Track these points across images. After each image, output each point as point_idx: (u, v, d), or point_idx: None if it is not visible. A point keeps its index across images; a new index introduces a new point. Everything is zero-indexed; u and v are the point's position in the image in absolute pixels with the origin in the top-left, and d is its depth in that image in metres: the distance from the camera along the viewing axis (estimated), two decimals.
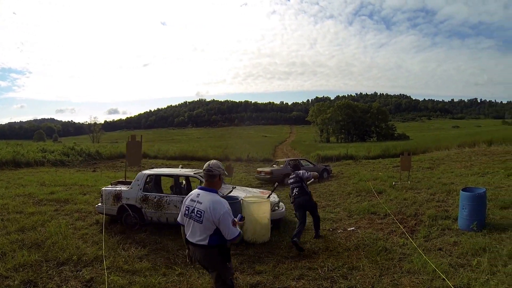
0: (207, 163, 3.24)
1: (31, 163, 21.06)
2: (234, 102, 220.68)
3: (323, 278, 4.79)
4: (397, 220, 7.34)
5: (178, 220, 3.33)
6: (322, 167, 16.65)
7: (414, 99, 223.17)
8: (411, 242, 5.84)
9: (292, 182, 6.76)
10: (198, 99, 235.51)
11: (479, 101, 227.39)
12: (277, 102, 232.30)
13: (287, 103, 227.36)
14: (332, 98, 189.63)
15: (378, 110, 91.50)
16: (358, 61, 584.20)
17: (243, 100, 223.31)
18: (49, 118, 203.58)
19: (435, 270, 4.59)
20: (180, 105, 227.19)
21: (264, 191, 8.69)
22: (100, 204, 7.63)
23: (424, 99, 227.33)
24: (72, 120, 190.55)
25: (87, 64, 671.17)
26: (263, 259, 5.67)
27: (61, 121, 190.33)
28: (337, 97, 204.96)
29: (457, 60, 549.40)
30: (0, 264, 4.99)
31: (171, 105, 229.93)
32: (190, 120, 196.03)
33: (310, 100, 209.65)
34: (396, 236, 6.44)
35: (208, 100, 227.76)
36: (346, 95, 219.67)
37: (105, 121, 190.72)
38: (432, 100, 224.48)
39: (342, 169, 19.37)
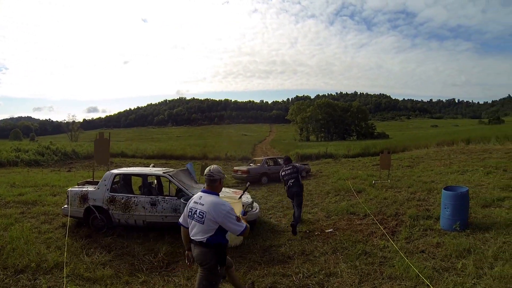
0: (207, 168, 3.43)
1: (3, 163, 20.70)
2: (214, 100, 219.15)
3: (298, 286, 4.44)
4: (377, 220, 7.01)
5: (180, 221, 3.46)
6: (301, 167, 16.24)
7: (393, 98, 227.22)
8: (392, 245, 5.50)
9: (289, 173, 7.22)
10: (178, 98, 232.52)
11: (456, 101, 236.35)
12: (257, 100, 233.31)
13: (267, 102, 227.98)
14: (312, 97, 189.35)
15: (358, 109, 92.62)
16: (338, 60, 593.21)
17: (223, 99, 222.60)
18: (26, 116, 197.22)
19: (418, 275, 4.28)
20: (160, 103, 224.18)
21: (237, 191, 8.22)
22: (66, 206, 7.19)
23: (404, 98, 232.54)
24: (50, 119, 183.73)
25: (66, 61, 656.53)
26: (234, 264, 5.19)
27: (38, 119, 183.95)
28: (317, 96, 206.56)
29: (436, 61, 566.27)
30: None
31: (151, 103, 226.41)
32: (170, 119, 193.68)
33: (290, 99, 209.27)
34: (376, 238, 6.10)
35: (188, 98, 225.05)
36: (326, 94, 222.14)
37: (84, 119, 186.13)
38: (411, 100, 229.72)
39: (321, 167, 19.14)
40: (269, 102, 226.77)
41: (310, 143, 62.97)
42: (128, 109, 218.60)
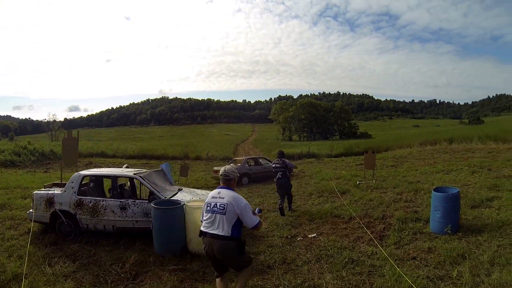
0: (222, 168, 3.76)
1: None
2: (197, 100, 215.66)
3: None
4: (363, 224, 6.58)
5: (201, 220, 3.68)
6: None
7: (376, 99, 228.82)
8: (381, 251, 5.05)
9: (278, 166, 8.33)
10: (161, 97, 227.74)
11: (438, 102, 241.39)
12: (240, 100, 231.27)
13: (250, 102, 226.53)
14: (295, 97, 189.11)
15: (341, 109, 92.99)
16: (321, 61, 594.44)
17: (206, 98, 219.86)
18: (5, 115, 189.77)
19: (411, 286, 3.83)
20: (143, 102, 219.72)
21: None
22: (31, 210, 6.65)
23: (386, 99, 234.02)
24: (30, 118, 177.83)
25: (47, 58, 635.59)
26: (208, 275, 4.70)
27: (18, 118, 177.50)
28: (300, 96, 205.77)
29: (418, 63, 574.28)
30: None
31: (134, 102, 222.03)
32: (152, 118, 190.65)
33: (273, 99, 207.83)
34: (363, 243, 5.64)
35: (171, 98, 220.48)
36: (309, 94, 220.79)
37: (65, 118, 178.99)
38: (393, 100, 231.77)
39: (304, 167, 18.67)
40: (252, 102, 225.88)
41: (292, 142, 62.79)
42: (110, 108, 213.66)
